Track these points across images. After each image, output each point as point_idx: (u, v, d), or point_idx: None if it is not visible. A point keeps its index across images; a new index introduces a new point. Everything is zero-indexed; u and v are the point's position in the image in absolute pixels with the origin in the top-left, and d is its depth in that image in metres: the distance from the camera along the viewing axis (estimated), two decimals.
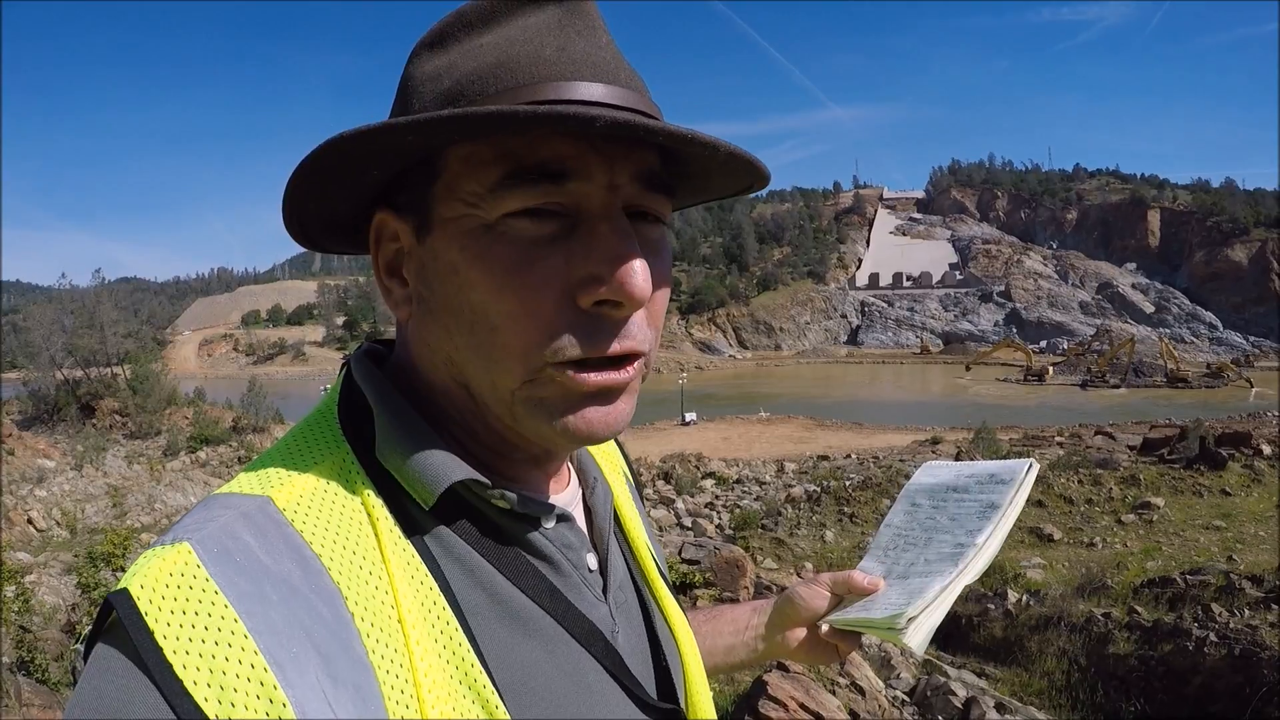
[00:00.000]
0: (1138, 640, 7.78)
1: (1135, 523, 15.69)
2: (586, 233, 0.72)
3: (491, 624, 0.73)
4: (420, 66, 0.77)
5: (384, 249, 0.80)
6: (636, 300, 0.71)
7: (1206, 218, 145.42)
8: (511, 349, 0.72)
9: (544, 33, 0.73)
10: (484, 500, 0.78)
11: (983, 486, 1.15)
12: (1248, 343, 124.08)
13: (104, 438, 37.35)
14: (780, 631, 1.20)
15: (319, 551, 0.67)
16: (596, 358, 0.73)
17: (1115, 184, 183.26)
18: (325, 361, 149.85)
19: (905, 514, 1.21)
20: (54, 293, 66.24)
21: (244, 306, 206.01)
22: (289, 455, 0.76)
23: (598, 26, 0.76)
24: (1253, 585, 8.42)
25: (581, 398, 0.74)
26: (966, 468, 1.22)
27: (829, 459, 41.34)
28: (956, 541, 1.08)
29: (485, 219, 0.71)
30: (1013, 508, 1.11)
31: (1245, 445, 19.90)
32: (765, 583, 11.92)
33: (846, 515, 17.88)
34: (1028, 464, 1.14)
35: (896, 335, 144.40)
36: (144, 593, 0.60)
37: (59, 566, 15.33)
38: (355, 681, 0.62)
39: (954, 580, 1.03)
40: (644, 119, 0.65)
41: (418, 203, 0.76)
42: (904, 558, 1.13)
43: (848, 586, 1.13)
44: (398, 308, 0.80)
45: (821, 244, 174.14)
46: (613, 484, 1.01)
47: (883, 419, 66.53)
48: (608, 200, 0.72)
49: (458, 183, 0.72)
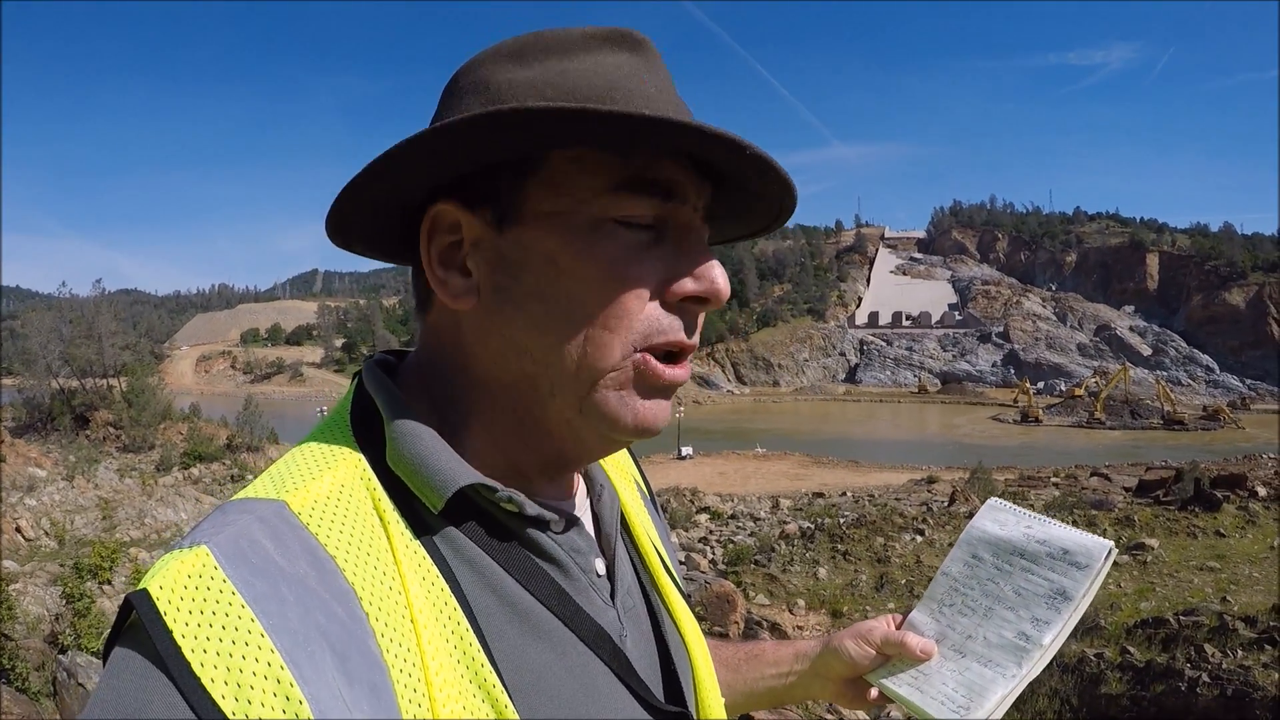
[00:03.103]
0: (1130, 680, 7.74)
1: (1129, 563, 15.61)
2: (678, 240, 0.80)
3: (502, 625, 0.75)
4: (502, 73, 0.79)
5: (437, 240, 0.81)
6: (722, 297, 0.80)
7: (1204, 261, 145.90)
8: (609, 336, 0.77)
9: (636, 71, 0.78)
10: (493, 504, 0.79)
11: (1054, 562, 1.07)
12: (1244, 385, 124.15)
13: (97, 449, 37.37)
14: (820, 679, 1.21)
15: (333, 554, 0.68)
16: (678, 350, 0.81)
17: (1115, 227, 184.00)
18: (323, 383, 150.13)
19: (965, 565, 1.15)
20: (53, 300, 66.40)
21: (243, 324, 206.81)
22: (303, 461, 0.78)
23: (671, 81, 0.82)
24: (1246, 626, 8.38)
25: (655, 390, 0.80)
26: (1038, 526, 1.13)
27: (824, 496, 41.16)
28: (1020, 630, 1.03)
29: (595, 216, 0.76)
30: (1085, 600, 1.04)
31: (1240, 487, 19.83)
32: (756, 618, 11.91)
33: (840, 553, 17.80)
34: (1107, 548, 1.06)
35: (895, 374, 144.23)
36: (163, 593, 0.61)
37: (45, 577, 15.22)
38: (370, 680, 0.63)
39: (1015, 687, 0.99)
40: (772, 158, 0.75)
41: (501, 195, 0.78)
42: (960, 623, 1.09)
43: (900, 649, 1.11)
44: (457, 299, 0.81)
45: (822, 281, 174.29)
46: (621, 490, 1.03)
47: (879, 457, 66.44)
48: (693, 218, 0.81)
49: (567, 179, 0.76)
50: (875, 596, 14.82)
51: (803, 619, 13.22)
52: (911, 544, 17.55)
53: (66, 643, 9.51)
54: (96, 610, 10.51)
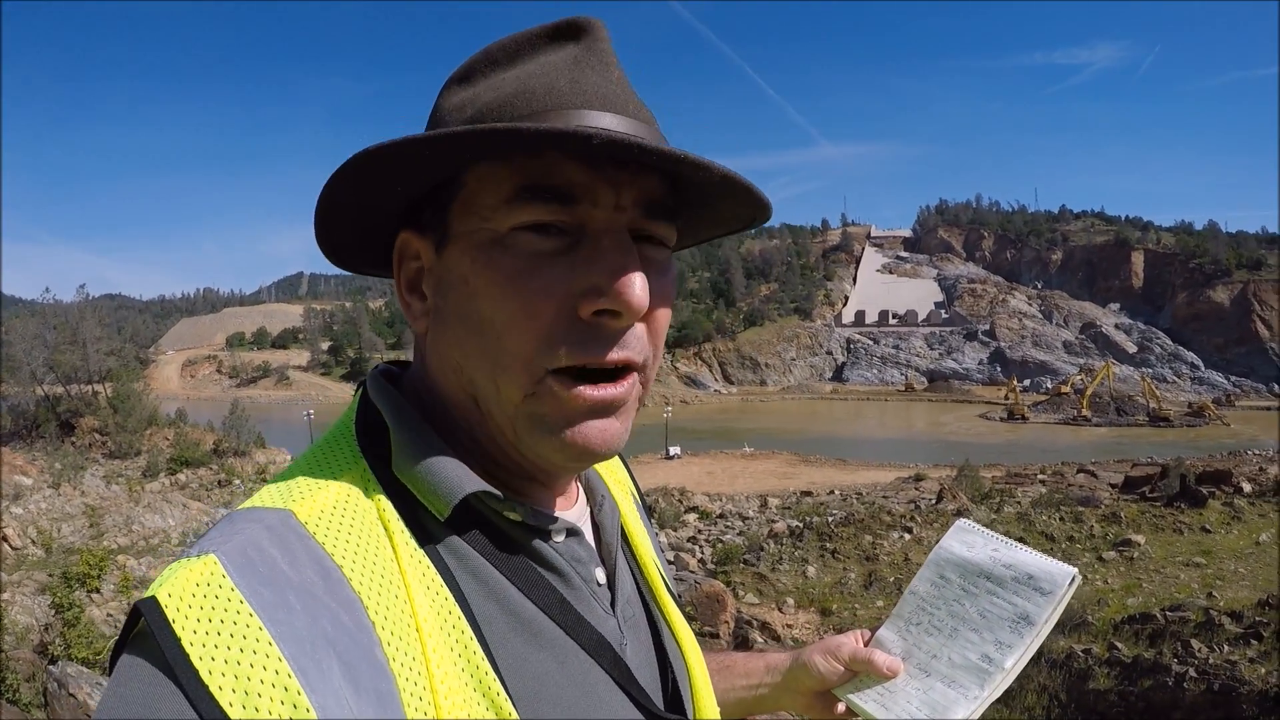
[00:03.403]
0: (1118, 676, 7.78)
1: (1116, 560, 15.67)
2: (589, 247, 0.76)
3: (505, 634, 0.75)
4: (448, 99, 0.82)
5: (405, 267, 0.85)
6: (635, 309, 0.75)
7: (1189, 259, 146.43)
8: (514, 355, 0.76)
9: (561, 68, 0.78)
10: (496, 513, 0.80)
11: (1019, 586, 1.09)
12: (1229, 382, 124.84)
13: (83, 456, 37.28)
14: (790, 693, 1.22)
15: (340, 562, 0.69)
16: (595, 367, 0.77)
17: (1100, 225, 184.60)
18: (309, 386, 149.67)
19: (932, 585, 1.17)
20: (37, 306, 66.12)
21: (229, 328, 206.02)
22: (309, 470, 0.79)
23: (610, 62, 0.81)
24: (1232, 621, 8.42)
25: (580, 413, 0.77)
26: (1004, 550, 1.15)
27: (812, 495, 41.34)
28: (984, 652, 1.05)
29: (496, 231, 0.76)
30: (1046, 626, 1.06)
31: (1226, 483, 19.94)
32: (746, 617, 11.92)
33: (829, 551, 17.80)
34: (1070, 576, 1.08)
35: (882, 373, 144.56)
36: (171, 601, 0.61)
37: (33, 586, 15.16)
38: (376, 688, 0.64)
39: (977, 709, 1.02)
40: (639, 140, 0.70)
41: (438, 220, 0.80)
42: (926, 642, 1.11)
43: (867, 666, 1.13)
44: (416, 321, 0.85)
45: (809, 281, 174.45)
46: (620, 502, 1.04)
47: (866, 455, 66.78)
48: (612, 219, 0.77)
49: (474, 198, 0.77)
50: (864, 595, 14.83)
51: (792, 617, 13.23)
52: (900, 542, 17.56)
53: (56, 653, 9.45)
54: (86, 619, 10.44)
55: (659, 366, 0.84)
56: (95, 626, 10.59)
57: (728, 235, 0.98)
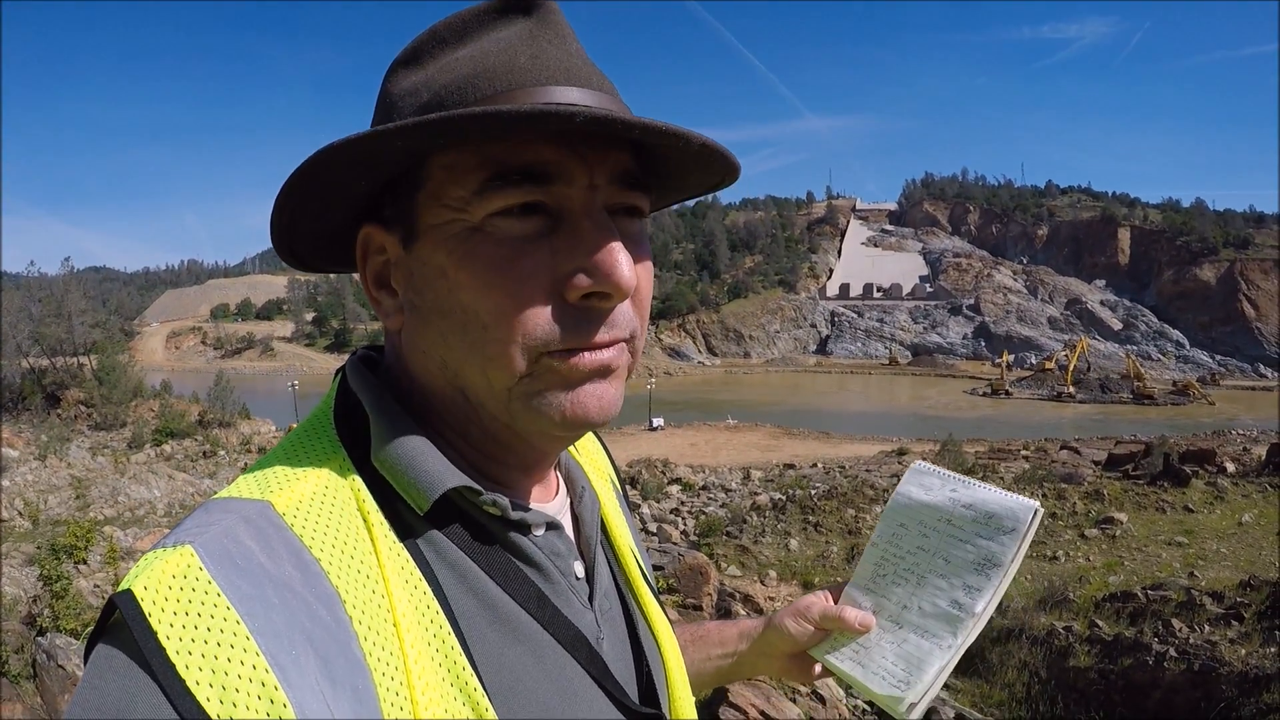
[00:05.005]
0: (1098, 654, 7.86)
1: (1098, 537, 15.78)
2: (570, 229, 0.75)
3: (482, 628, 0.75)
4: (398, 83, 0.79)
5: (371, 262, 0.83)
6: (624, 290, 0.75)
7: (1176, 237, 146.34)
8: (504, 345, 0.74)
9: (517, 43, 0.76)
10: (476, 506, 0.80)
11: (979, 527, 1.07)
12: (1214, 361, 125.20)
13: (68, 428, 37.07)
14: (765, 657, 1.23)
15: (318, 555, 0.68)
16: (587, 347, 0.76)
17: (1086, 201, 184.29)
18: (294, 357, 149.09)
19: (893, 534, 1.16)
20: (21, 280, 65.58)
21: (213, 300, 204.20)
22: (287, 460, 0.78)
23: (567, 35, 0.78)
24: (1213, 601, 8.51)
25: (579, 379, 0.76)
26: (963, 490, 1.12)
27: (795, 468, 41.36)
28: (953, 599, 1.05)
29: (470, 221, 0.74)
30: (1014, 565, 1.04)
31: (1209, 463, 20.06)
32: (729, 589, 11.98)
33: (811, 524, 17.91)
34: (1032, 510, 1.06)
35: (865, 346, 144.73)
36: (148, 594, 0.60)
37: (20, 558, 15.13)
38: (353, 683, 0.63)
39: (952, 657, 1.02)
40: (620, 115, 0.68)
41: (403, 213, 0.78)
42: (895, 593, 1.10)
43: (838, 624, 1.13)
44: (389, 318, 0.83)
45: (793, 253, 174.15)
46: (600, 492, 1.03)
47: (850, 429, 66.82)
48: (589, 199, 0.75)
49: (442, 190, 0.75)
50: (846, 568, 14.83)
51: (774, 590, 13.25)
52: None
53: (45, 624, 9.48)
54: (74, 591, 10.46)
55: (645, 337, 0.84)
56: (83, 597, 10.60)
57: (696, 198, 0.99)
